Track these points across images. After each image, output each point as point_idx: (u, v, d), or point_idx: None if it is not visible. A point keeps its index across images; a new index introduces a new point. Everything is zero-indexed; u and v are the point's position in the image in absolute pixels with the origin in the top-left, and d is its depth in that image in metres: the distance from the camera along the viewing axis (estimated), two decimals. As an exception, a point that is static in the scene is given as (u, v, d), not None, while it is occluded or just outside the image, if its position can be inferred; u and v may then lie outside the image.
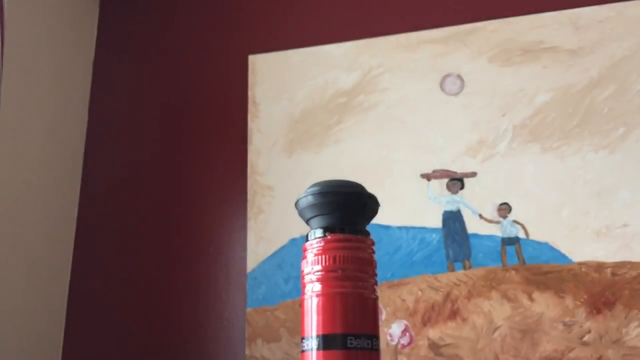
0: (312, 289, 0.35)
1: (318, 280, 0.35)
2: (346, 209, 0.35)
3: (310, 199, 0.35)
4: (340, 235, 0.35)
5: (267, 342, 1.24)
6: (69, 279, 1.40)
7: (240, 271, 1.31)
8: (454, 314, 1.18)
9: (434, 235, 1.24)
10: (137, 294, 1.36)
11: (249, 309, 1.27)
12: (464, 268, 1.21)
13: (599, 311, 1.12)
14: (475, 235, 1.22)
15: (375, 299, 0.36)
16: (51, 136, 1.40)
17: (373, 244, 0.36)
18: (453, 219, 1.24)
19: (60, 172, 1.42)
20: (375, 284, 0.36)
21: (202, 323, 1.30)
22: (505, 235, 1.21)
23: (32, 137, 1.34)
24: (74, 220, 1.44)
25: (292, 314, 1.25)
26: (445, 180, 1.27)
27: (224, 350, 1.28)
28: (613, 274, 1.14)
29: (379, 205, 0.37)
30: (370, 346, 0.34)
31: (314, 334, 0.34)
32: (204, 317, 1.31)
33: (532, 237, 1.19)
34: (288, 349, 1.23)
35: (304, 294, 0.36)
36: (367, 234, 0.36)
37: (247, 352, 1.25)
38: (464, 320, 1.17)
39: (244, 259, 1.31)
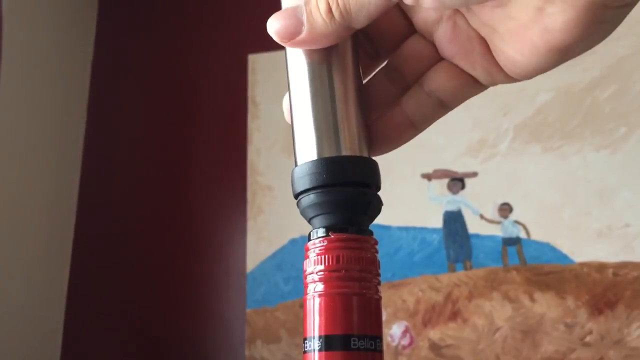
0: (315, 289, 0.34)
1: (320, 280, 0.34)
2: (350, 207, 0.35)
3: (312, 197, 0.35)
4: (343, 235, 0.34)
5: (267, 343, 1.24)
6: (67, 278, 1.39)
7: (240, 271, 1.31)
8: (454, 315, 1.18)
9: (434, 235, 1.24)
10: (137, 294, 1.35)
11: (248, 310, 1.27)
12: (465, 268, 1.20)
13: (600, 312, 1.12)
14: (476, 236, 1.22)
15: (379, 300, 0.35)
16: (49, 136, 1.39)
17: (376, 243, 0.35)
18: (454, 219, 1.24)
19: (59, 171, 1.41)
20: (379, 284, 0.35)
21: (202, 323, 1.30)
22: (506, 236, 1.20)
23: (30, 137, 1.34)
24: (72, 220, 1.43)
25: (292, 315, 1.25)
26: (446, 180, 1.26)
27: (224, 350, 1.27)
28: (615, 275, 1.13)
29: (383, 204, 0.36)
30: (373, 347, 0.33)
31: (316, 334, 0.33)
32: (204, 318, 1.30)
33: (533, 237, 1.19)
34: (288, 350, 1.22)
35: (306, 294, 0.35)
36: (371, 233, 0.36)
37: (246, 353, 1.24)
38: (465, 321, 1.17)
39: (243, 259, 1.31)
